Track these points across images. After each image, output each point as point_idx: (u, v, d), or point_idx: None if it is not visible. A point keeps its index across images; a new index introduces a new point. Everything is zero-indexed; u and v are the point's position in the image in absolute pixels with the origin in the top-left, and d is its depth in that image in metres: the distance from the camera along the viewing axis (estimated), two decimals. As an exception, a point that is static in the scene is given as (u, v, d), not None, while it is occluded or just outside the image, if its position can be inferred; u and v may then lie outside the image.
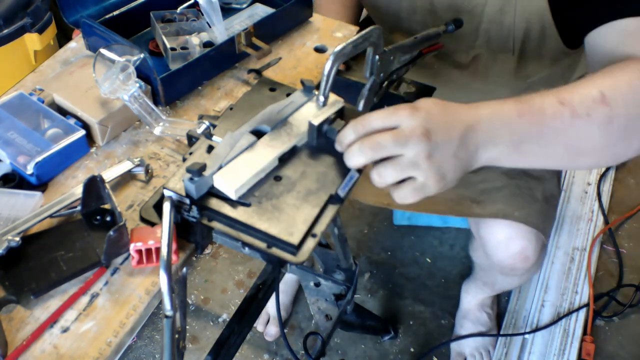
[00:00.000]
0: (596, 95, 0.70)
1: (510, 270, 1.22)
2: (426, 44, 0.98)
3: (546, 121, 0.69)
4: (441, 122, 0.66)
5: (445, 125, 0.66)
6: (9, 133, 0.85)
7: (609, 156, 0.74)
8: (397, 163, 0.66)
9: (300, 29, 1.13)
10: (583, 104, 0.70)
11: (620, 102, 0.70)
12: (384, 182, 0.67)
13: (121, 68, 0.87)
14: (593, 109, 0.69)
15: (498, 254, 1.19)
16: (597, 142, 0.71)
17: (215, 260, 1.87)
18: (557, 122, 0.69)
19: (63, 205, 0.77)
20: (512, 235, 1.16)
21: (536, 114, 0.69)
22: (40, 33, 1.76)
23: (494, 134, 0.68)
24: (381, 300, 1.77)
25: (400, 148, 0.65)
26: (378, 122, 0.67)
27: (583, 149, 0.72)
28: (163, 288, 0.64)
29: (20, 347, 0.66)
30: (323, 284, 1.25)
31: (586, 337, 1.64)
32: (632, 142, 0.73)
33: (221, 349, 1.15)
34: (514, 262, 1.18)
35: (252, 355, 1.65)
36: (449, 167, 0.67)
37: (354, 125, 0.68)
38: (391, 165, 0.66)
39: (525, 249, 1.16)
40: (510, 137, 0.68)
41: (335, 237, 1.13)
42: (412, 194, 0.67)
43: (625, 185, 2.08)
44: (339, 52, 0.74)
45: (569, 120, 0.69)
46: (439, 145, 0.65)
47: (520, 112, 0.69)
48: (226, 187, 0.69)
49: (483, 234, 1.21)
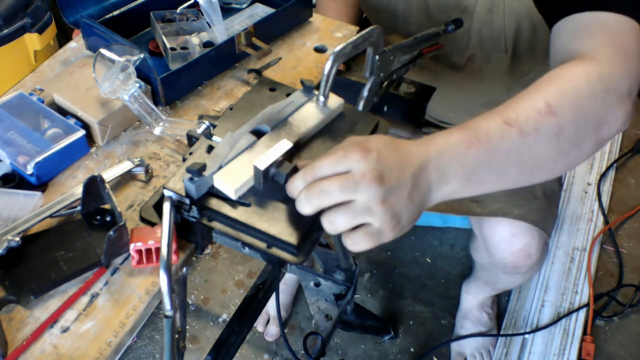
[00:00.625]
0: (542, 107, 0.68)
1: (513, 268, 1.22)
2: (426, 44, 0.98)
3: (495, 145, 0.66)
4: (393, 163, 0.63)
5: (398, 167, 0.63)
6: (9, 133, 0.85)
7: (562, 165, 0.72)
8: (350, 209, 0.61)
9: (300, 29, 1.13)
10: (530, 119, 0.67)
11: (567, 109, 0.68)
12: (335, 229, 0.63)
13: (121, 68, 0.87)
14: (540, 122, 0.67)
15: (500, 252, 1.19)
16: (550, 154, 0.69)
17: (215, 260, 1.87)
18: (507, 144, 0.66)
19: (63, 205, 0.77)
20: (515, 233, 1.16)
21: (483, 140, 0.66)
22: (40, 33, 1.76)
23: (445, 171, 0.65)
24: (381, 300, 1.77)
25: (350, 194, 0.61)
26: (327, 168, 0.63)
27: (536, 165, 0.69)
28: (163, 288, 0.64)
29: (20, 347, 0.66)
30: (323, 284, 1.25)
31: (586, 337, 1.64)
32: (584, 148, 0.71)
33: (221, 349, 1.15)
34: (517, 259, 1.18)
35: (252, 355, 1.65)
36: (404, 210, 0.63)
37: (303, 174, 0.64)
38: (343, 212, 0.62)
39: (528, 246, 1.16)
40: (462, 170, 0.66)
41: (335, 237, 1.13)
42: (366, 241, 0.63)
43: (625, 185, 2.08)
44: (339, 52, 0.74)
45: (519, 140, 0.67)
46: (392, 188, 0.62)
47: (468, 142, 0.66)
48: (226, 187, 0.69)
49: (485, 232, 1.21)
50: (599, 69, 0.72)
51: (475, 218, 1.26)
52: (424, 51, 0.98)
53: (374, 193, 0.61)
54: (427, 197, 0.66)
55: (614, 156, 2.14)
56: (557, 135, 0.68)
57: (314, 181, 0.63)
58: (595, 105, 0.70)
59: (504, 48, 1.09)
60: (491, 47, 1.10)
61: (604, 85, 0.71)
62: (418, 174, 0.64)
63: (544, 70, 1.13)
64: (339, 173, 0.62)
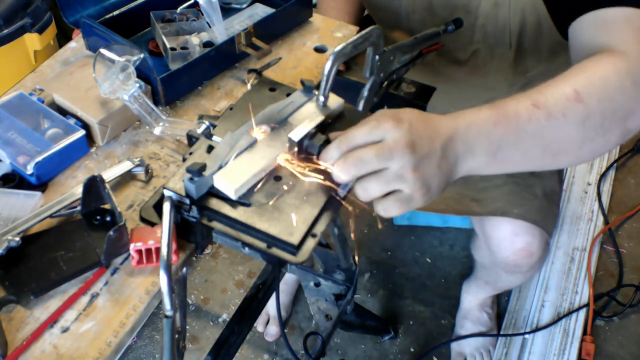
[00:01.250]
0: (570, 93, 0.70)
1: (515, 267, 1.22)
2: (426, 44, 0.98)
3: (522, 126, 0.68)
4: (424, 133, 0.65)
5: (428, 137, 0.65)
6: (9, 133, 0.85)
7: (587, 153, 0.73)
8: (383, 176, 0.64)
9: (300, 29, 1.13)
10: (558, 104, 0.69)
11: (595, 98, 0.70)
12: (369, 196, 0.66)
13: (121, 68, 0.87)
14: (568, 108, 0.69)
15: (502, 251, 1.19)
16: (575, 140, 0.71)
17: (215, 260, 1.87)
18: (533, 125, 0.69)
19: (63, 205, 0.77)
20: (517, 232, 1.16)
21: (511, 119, 0.68)
22: (40, 33, 1.76)
23: (471, 144, 0.68)
24: (381, 300, 1.77)
25: (384, 162, 0.64)
26: (361, 137, 0.66)
27: (561, 149, 0.71)
28: (163, 288, 0.64)
29: (20, 347, 0.66)
30: (323, 284, 1.25)
31: (586, 337, 1.64)
32: (609, 137, 0.72)
33: (221, 349, 1.15)
34: (518, 258, 1.18)
35: (252, 355, 1.65)
36: (434, 179, 0.66)
37: (338, 144, 0.67)
38: (376, 179, 0.65)
39: (530, 244, 1.16)
40: (488, 146, 0.68)
41: (335, 237, 1.13)
42: (397, 207, 0.66)
43: (625, 185, 2.08)
44: (339, 52, 0.74)
45: (545, 122, 0.69)
46: (423, 157, 0.64)
47: (496, 120, 0.68)
48: (226, 187, 0.69)
49: (487, 231, 1.21)
50: (627, 63, 0.73)
51: (477, 218, 1.26)
52: (424, 51, 0.98)
53: (407, 161, 0.63)
54: (454, 169, 0.68)
55: (614, 156, 2.14)
56: (583, 121, 0.70)
57: (349, 150, 0.66)
58: (622, 97, 0.72)
59: (508, 42, 1.09)
60: (495, 42, 1.10)
61: (632, 78, 0.72)
62: (447, 144, 0.66)
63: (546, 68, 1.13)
64: (372, 142, 0.65)
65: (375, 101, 0.91)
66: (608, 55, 0.75)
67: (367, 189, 0.65)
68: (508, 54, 1.12)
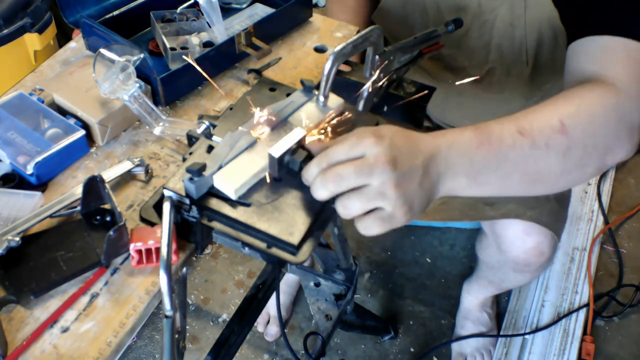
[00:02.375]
0: (556, 124, 0.69)
1: (525, 266, 1.23)
2: (426, 44, 0.98)
3: (505, 152, 0.67)
4: (405, 150, 0.64)
5: (409, 154, 0.64)
6: (9, 133, 0.85)
7: (563, 183, 0.73)
8: (363, 193, 0.63)
9: (300, 29, 1.13)
10: (542, 133, 0.68)
11: (579, 132, 0.69)
12: (349, 213, 0.64)
13: (121, 68, 0.87)
14: (552, 139, 0.68)
15: (514, 250, 1.20)
16: (554, 171, 0.70)
17: (215, 260, 1.87)
18: (516, 152, 0.68)
19: (63, 205, 0.77)
20: (529, 231, 1.16)
21: (494, 144, 0.67)
22: (40, 33, 1.76)
23: (452, 165, 0.66)
24: (381, 300, 1.77)
25: (364, 178, 0.62)
26: (341, 154, 0.64)
27: (539, 178, 0.71)
28: (163, 288, 0.64)
29: (20, 347, 0.66)
30: (323, 284, 1.25)
31: (586, 337, 1.64)
32: (586, 170, 0.72)
33: (221, 349, 1.15)
34: (529, 257, 1.19)
35: (252, 355, 1.65)
36: (416, 197, 0.64)
37: (318, 160, 0.66)
38: (356, 196, 0.63)
39: (541, 244, 1.17)
40: (470, 168, 0.67)
41: (335, 237, 1.13)
42: (377, 225, 0.64)
43: (625, 185, 2.08)
44: (339, 52, 0.74)
45: (528, 151, 0.68)
46: (405, 173, 0.63)
47: (479, 143, 0.67)
48: (226, 187, 0.69)
49: (498, 230, 1.22)
50: (616, 98, 0.72)
51: None
52: (424, 51, 0.98)
53: (388, 177, 0.62)
54: (436, 187, 0.67)
55: (614, 156, 2.14)
56: (564, 154, 0.69)
57: (329, 167, 0.64)
58: (606, 133, 0.71)
59: (525, 61, 1.08)
60: (512, 61, 1.09)
61: (618, 115, 0.72)
62: (428, 162, 0.65)
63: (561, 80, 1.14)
64: (352, 158, 0.64)
65: (375, 101, 0.91)
66: (599, 86, 0.74)
67: (347, 206, 0.63)
68: (524, 71, 1.11)
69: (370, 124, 0.80)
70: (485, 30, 1.06)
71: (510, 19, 1.03)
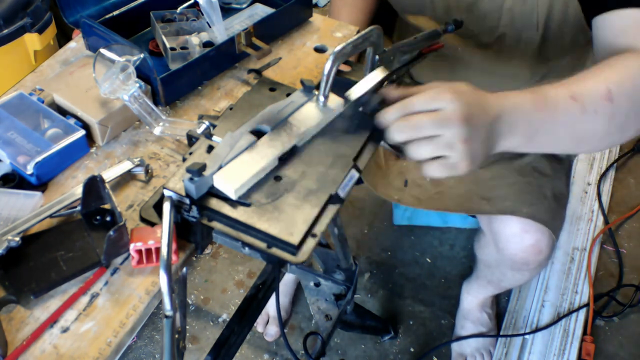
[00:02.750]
0: (604, 91, 0.75)
1: (523, 265, 1.22)
2: (426, 44, 0.98)
3: (558, 115, 0.74)
4: (477, 109, 0.70)
5: (480, 113, 0.70)
6: (9, 133, 0.85)
7: (605, 144, 0.81)
8: (435, 142, 0.69)
9: (300, 29, 1.13)
10: (592, 100, 0.74)
11: (624, 99, 0.75)
12: (418, 156, 0.71)
13: (121, 68, 0.87)
14: (600, 105, 0.75)
15: (511, 248, 1.19)
16: (598, 133, 0.77)
17: (215, 260, 1.87)
18: (568, 117, 0.74)
19: (63, 205, 0.77)
20: (527, 229, 1.16)
21: (551, 108, 0.74)
22: (40, 33, 1.76)
23: (514, 125, 0.73)
24: (381, 300, 1.77)
25: (440, 129, 0.68)
26: (421, 104, 0.70)
27: (585, 139, 0.78)
28: (163, 288, 0.64)
29: (20, 347, 0.66)
30: (323, 284, 1.26)
31: (586, 337, 1.64)
32: (626, 134, 0.79)
33: (221, 349, 1.15)
34: (527, 255, 1.18)
35: (252, 355, 1.65)
36: (478, 152, 0.71)
37: (399, 106, 0.71)
38: (429, 144, 0.69)
39: (539, 241, 1.17)
40: (528, 128, 0.74)
41: (335, 237, 1.13)
42: (441, 171, 0.71)
43: (625, 185, 2.08)
44: (339, 52, 0.74)
45: (579, 115, 0.74)
46: (474, 130, 0.69)
47: (537, 105, 0.74)
48: (226, 187, 0.69)
49: (496, 228, 1.21)
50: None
51: (485, 215, 1.26)
52: (424, 51, 0.98)
53: (460, 132, 0.68)
54: (494, 145, 0.74)
55: (614, 156, 2.14)
56: (609, 119, 0.76)
57: (408, 114, 0.70)
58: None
59: (535, 25, 1.09)
60: (523, 25, 1.09)
61: None
62: (494, 122, 0.72)
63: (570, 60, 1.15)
64: (430, 110, 0.69)
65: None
66: (634, 56, 0.79)
67: (419, 151, 0.70)
68: (534, 39, 1.11)
69: (370, 124, 0.80)
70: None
71: None
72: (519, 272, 1.30)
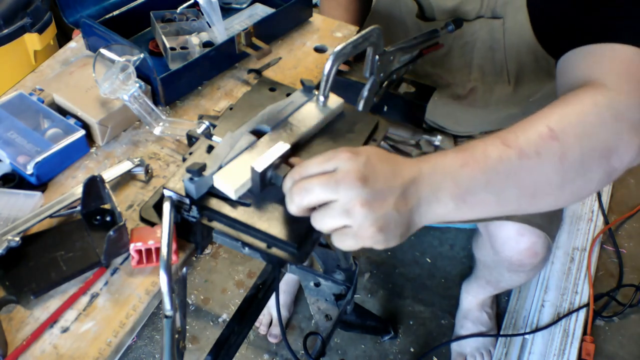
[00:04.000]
0: (543, 131, 0.66)
1: (519, 267, 1.23)
2: (426, 44, 0.98)
3: (492, 166, 0.64)
4: (381, 170, 0.62)
5: (385, 174, 0.62)
6: (9, 133, 0.85)
7: (569, 194, 0.68)
8: (330, 209, 0.61)
9: (300, 29, 1.13)
10: (530, 142, 0.65)
11: (571, 134, 0.66)
12: (320, 228, 0.62)
13: (121, 68, 0.87)
14: (541, 146, 0.65)
15: (507, 250, 1.20)
16: (553, 181, 0.66)
17: (215, 260, 1.87)
18: (504, 165, 0.64)
19: (63, 205, 0.77)
20: (522, 232, 1.16)
21: (480, 160, 0.64)
22: (40, 33, 1.76)
23: (436, 188, 0.63)
24: (381, 300, 1.77)
25: (330, 193, 0.60)
26: (315, 168, 0.63)
27: (539, 191, 0.66)
28: (163, 288, 0.64)
29: (20, 347, 0.66)
30: (323, 284, 1.25)
31: (586, 337, 1.64)
32: (591, 177, 0.68)
33: (221, 349, 1.15)
34: (523, 257, 1.18)
35: (252, 355, 1.65)
36: (390, 219, 0.61)
37: (292, 173, 0.65)
38: (324, 211, 0.61)
39: (535, 244, 1.16)
40: (455, 189, 0.63)
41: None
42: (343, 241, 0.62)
43: (625, 185, 2.08)
44: (339, 52, 0.74)
45: (517, 162, 0.64)
46: (377, 192, 0.60)
47: (463, 162, 0.64)
48: (226, 187, 0.69)
49: (492, 230, 1.21)
50: (608, 96, 0.69)
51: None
52: (424, 51, 0.98)
53: (355, 194, 0.59)
54: (416, 214, 0.64)
55: (614, 156, 2.14)
56: (560, 160, 0.65)
57: (301, 180, 0.63)
58: (603, 132, 0.67)
59: (506, 80, 1.09)
60: (494, 80, 1.10)
61: (613, 112, 0.68)
62: (408, 185, 0.62)
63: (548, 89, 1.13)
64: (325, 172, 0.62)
65: (375, 101, 0.91)
66: (587, 89, 0.71)
67: (317, 221, 0.62)
68: (506, 89, 1.12)
69: (370, 124, 0.80)
70: (467, 51, 1.07)
71: (490, 42, 1.04)
72: (516, 273, 1.30)
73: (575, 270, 1.80)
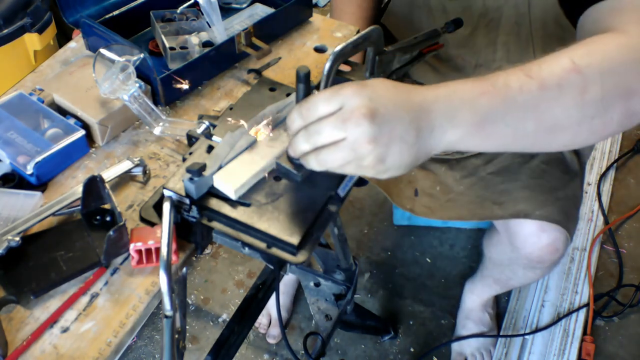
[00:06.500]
0: (566, 63, 0.64)
1: (538, 263, 1.22)
2: (426, 44, 0.98)
3: (512, 96, 0.62)
4: (389, 99, 0.60)
5: (395, 103, 0.60)
6: (9, 133, 0.85)
7: (586, 132, 0.66)
8: (340, 147, 0.60)
9: (300, 29, 1.13)
10: (553, 74, 0.63)
11: (594, 69, 0.64)
12: (323, 167, 0.62)
13: (121, 68, 0.87)
14: (564, 78, 0.63)
15: (528, 247, 1.19)
16: (572, 115, 0.64)
17: (215, 260, 1.87)
18: (525, 96, 0.62)
19: (63, 205, 0.77)
20: (544, 228, 1.15)
21: (500, 89, 0.62)
22: (40, 33, 1.76)
23: (453, 114, 0.61)
24: (381, 300, 1.77)
25: (341, 131, 0.59)
26: (323, 104, 0.61)
27: (556, 125, 0.65)
28: (163, 288, 0.64)
29: (20, 347, 0.66)
30: (323, 284, 1.26)
31: (586, 337, 1.64)
32: (610, 116, 0.65)
33: (221, 349, 1.15)
34: (544, 254, 1.18)
35: (252, 355, 1.65)
36: (397, 153, 0.60)
37: (299, 109, 0.63)
38: (334, 150, 0.60)
39: (556, 240, 1.16)
40: (472, 116, 0.62)
41: (335, 237, 1.13)
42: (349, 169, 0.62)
43: (625, 185, 2.08)
44: (339, 52, 0.74)
45: (538, 92, 0.62)
46: (384, 125, 0.59)
47: (483, 89, 0.62)
48: (226, 187, 0.69)
49: (512, 227, 1.20)
50: (632, 41, 0.68)
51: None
52: (424, 51, 0.98)
53: (360, 131, 0.59)
54: (428, 142, 0.62)
55: (614, 156, 2.14)
56: (581, 94, 0.63)
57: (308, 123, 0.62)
58: (625, 72, 0.66)
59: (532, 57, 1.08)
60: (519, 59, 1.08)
61: (635, 55, 0.66)
62: (418, 114, 0.61)
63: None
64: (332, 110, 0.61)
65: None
66: (611, 34, 0.69)
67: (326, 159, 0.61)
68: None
69: None
70: (491, 28, 1.05)
71: (516, 17, 1.02)
72: (532, 270, 1.29)
73: (575, 270, 1.80)
